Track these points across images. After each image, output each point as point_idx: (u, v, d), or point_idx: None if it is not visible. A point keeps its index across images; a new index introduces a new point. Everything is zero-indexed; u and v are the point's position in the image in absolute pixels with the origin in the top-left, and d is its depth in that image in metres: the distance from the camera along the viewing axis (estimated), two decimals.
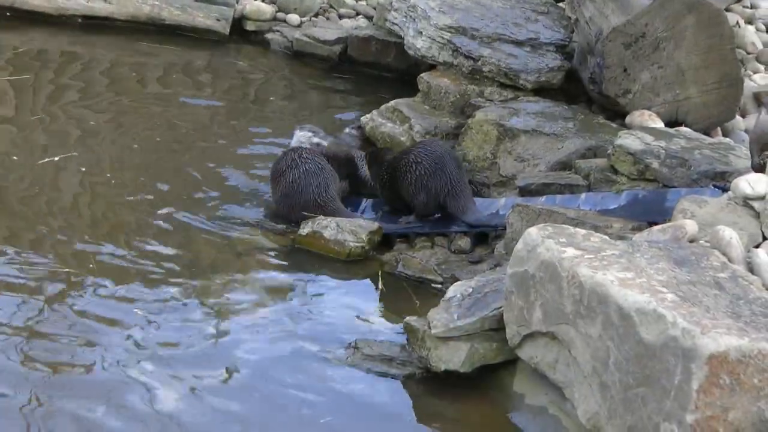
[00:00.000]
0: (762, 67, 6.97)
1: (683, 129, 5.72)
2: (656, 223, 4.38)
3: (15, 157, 5.68)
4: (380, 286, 4.87)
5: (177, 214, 5.29)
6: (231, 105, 6.85)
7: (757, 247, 4.01)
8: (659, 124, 5.79)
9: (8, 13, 7.54)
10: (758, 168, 4.54)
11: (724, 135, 6.11)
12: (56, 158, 5.68)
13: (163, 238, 5.06)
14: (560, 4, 7.01)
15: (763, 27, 7.38)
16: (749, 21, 7.38)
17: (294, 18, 7.95)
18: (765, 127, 4.51)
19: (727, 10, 7.08)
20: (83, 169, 5.64)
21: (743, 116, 6.27)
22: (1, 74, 6.74)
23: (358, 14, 8.14)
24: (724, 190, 4.67)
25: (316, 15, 8.08)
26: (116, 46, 7.44)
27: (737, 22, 7.18)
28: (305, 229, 5.16)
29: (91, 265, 4.70)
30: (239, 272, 4.86)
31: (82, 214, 5.23)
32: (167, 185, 5.59)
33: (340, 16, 8.13)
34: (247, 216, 5.40)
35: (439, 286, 4.89)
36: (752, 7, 7.55)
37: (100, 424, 3.71)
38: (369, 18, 7.99)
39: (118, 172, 5.66)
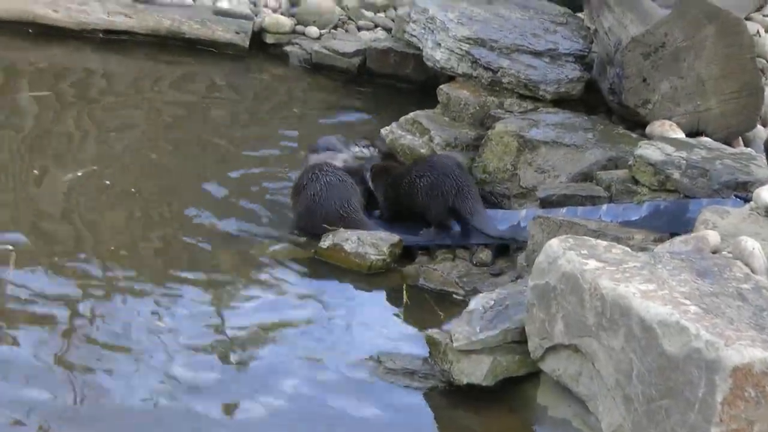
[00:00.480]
0: None
1: (704, 139, 5.69)
2: (678, 234, 4.37)
3: (35, 171, 5.72)
4: (405, 299, 4.88)
5: (198, 226, 5.31)
6: (251, 118, 6.88)
7: None
8: (680, 135, 5.76)
9: (29, 30, 7.59)
10: None
11: (746, 144, 6.08)
12: (79, 173, 5.71)
13: (185, 250, 5.08)
14: (579, 15, 7.00)
15: None
16: None
17: (313, 30, 7.97)
18: None
19: (747, 19, 7.05)
20: (107, 182, 5.66)
21: (765, 125, 6.24)
22: (23, 90, 6.78)
23: (376, 26, 8.16)
24: (746, 200, 4.66)
25: (335, 27, 8.10)
26: (137, 60, 7.48)
27: (757, 31, 7.15)
28: (326, 242, 5.16)
29: (115, 280, 4.71)
30: (260, 285, 4.87)
31: (106, 228, 5.25)
32: (189, 197, 5.60)
33: (359, 29, 8.15)
34: (267, 228, 5.41)
35: (461, 298, 4.89)
36: None
37: None
38: (388, 30, 8.01)
39: (141, 185, 5.69)
